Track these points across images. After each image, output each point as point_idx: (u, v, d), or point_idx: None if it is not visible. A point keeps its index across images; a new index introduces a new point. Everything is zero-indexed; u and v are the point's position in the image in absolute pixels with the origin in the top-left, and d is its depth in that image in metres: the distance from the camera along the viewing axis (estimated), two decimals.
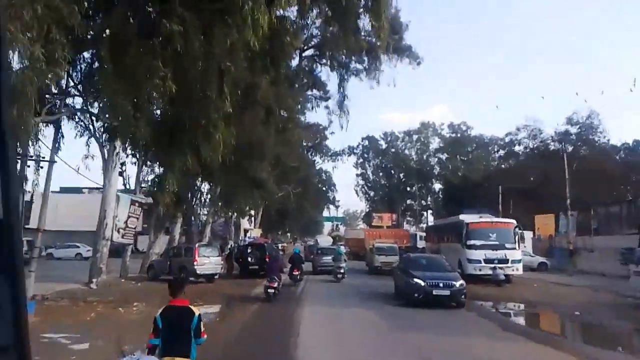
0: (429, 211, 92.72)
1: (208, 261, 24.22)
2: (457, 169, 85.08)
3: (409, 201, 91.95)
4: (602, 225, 34.14)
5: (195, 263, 23.70)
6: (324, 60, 30.23)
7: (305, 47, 30.02)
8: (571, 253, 30.21)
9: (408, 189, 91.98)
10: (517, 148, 55.98)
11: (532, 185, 43.68)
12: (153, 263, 25.90)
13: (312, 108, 32.18)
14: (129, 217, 24.80)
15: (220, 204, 38.19)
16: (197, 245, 24.43)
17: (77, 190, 53.23)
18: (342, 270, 25.85)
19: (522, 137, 53.90)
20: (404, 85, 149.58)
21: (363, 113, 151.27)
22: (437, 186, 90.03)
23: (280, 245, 59.03)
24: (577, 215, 34.37)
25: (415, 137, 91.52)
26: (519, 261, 24.30)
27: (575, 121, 53.61)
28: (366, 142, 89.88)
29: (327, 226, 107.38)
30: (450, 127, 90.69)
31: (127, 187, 27.94)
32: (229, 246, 36.46)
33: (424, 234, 43.22)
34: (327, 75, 38.84)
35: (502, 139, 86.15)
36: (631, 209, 33.26)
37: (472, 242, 24.27)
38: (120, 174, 27.71)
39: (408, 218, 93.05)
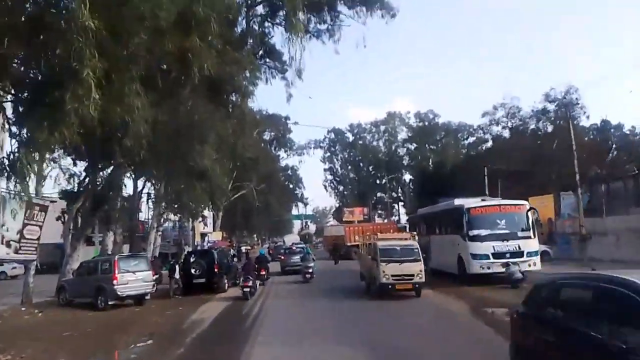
0: (400, 203, 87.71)
1: (134, 277, 17.70)
2: (427, 158, 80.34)
3: (379, 194, 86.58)
4: (605, 205, 29.24)
5: (115, 282, 17.18)
6: (277, 20, 23.95)
7: (253, 2, 23.71)
8: (582, 238, 24.84)
9: (378, 181, 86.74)
10: (495, 129, 50.89)
11: (519, 166, 38.52)
12: (64, 284, 19.21)
13: (267, 81, 25.71)
14: (25, 225, 18.05)
15: (163, 204, 31.59)
16: (116, 257, 17.79)
17: None
18: (310, 270, 24.09)
19: (500, 116, 48.77)
20: (368, 81, 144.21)
21: (329, 110, 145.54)
22: (408, 177, 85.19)
23: (244, 248, 52.53)
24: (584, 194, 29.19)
25: (382, 127, 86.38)
26: (536, 253, 18.71)
27: (553, 98, 49.11)
28: (332, 135, 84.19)
29: (297, 225, 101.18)
30: (417, 116, 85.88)
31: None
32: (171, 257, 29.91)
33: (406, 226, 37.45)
34: (282, 42, 31.86)
35: (470, 125, 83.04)
36: (639, 183, 28.30)
37: (475, 232, 18.57)
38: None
39: (379, 211, 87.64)
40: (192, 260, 20.87)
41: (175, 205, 30.25)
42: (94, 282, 17.77)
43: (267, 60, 25.75)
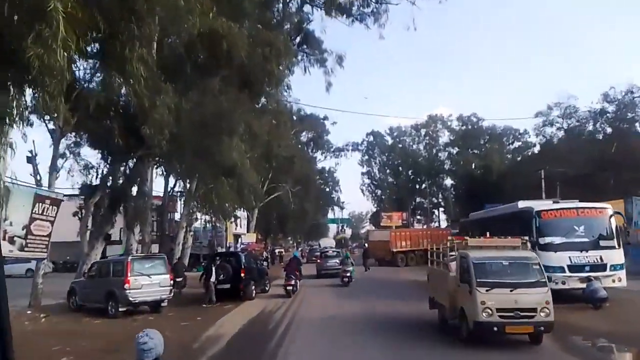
0: (441, 209, 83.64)
1: (148, 281, 15.41)
2: (469, 163, 75.99)
3: (418, 199, 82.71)
4: None
5: (126, 286, 14.93)
6: (317, 2, 21.36)
7: None
8: None
9: (417, 186, 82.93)
10: (549, 130, 46.67)
11: (575, 169, 34.60)
12: (74, 286, 17.16)
13: (305, 70, 23.14)
14: (32, 219, 16.07)
15: (193, 203, 29.50)
16: (129, 258, 15.52)
17: None
18: (348, 274, 23.73)
19: (555, 116, 44.62)
20: (409, 87, 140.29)
21: (366, 118, 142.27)
22: (449, 182, 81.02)
23: (277, 250, 50.33)
24: None
25: (423, 131, 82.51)
26: (622, 266, 15.30)
27: (612, 98, 44.67)
28: (371, 138, 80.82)
29: (333, 228, 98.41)
30: (460, 119, 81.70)
31: (38, 178, 19.12)
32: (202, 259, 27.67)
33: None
34: (321, 28, 28.77)
35: (516, 129, 78.30)
36: None
37: (547, 240, 15.34)
38: (29, 159, 19.02)
39: (418, 217, 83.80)
40: (216, 263, 18.45)
41: (206, 204, 28.15)
42: (104, 286, 15.61)
43: (305, 47, 23.21)
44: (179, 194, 34.11)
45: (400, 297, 18.33)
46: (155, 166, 29.07)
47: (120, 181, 19.96)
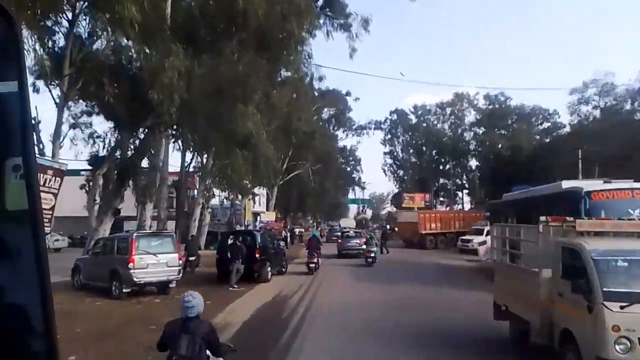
0: (465, 191, 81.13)
1: (155, 261, 14.11)
2: (496, 144, 73.04)
3: (442, 180, 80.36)
4: None
5: (131, 265, 13.68)
6: None
7: None
8: None
9: (441, 167, 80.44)
10: (584, 108, 43.75)
11: (613, 150, 32.07)
12: (79, 264, 16.02)
13: (328, 34, 21.23)
14: None
15: (210, 180, 28.27)
16: (134, 235, 14.21)
17: None
18: (372, 255, 23.47)
19: (592, 94, 41.73)
20: (433, 65, 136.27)
21: (389, 97, 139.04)
22: (474, 163, 78.31)
23: (297, 230, 49.13)
24: None
25: (448, 110, 79.72)
26: None
27: None
28: (394, 117, 78.43)
29: (353, 209, 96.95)
30: (487, 98, 78.56)
31: (41, 147, 17.91)
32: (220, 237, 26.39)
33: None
34: None
35: (546, 109, 74.89)
36: None
37: None
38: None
39: (441, 199, 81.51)
40: (229, 242, 17.08)
41: (222, 180, 26.84)
42: (108, 264, 14.38)
43: (328, 10, 21.28)
44: (196, 169, 32.90)
45: (431, 282, 16.76)
46: (172, 140, 27.92)
47: (130, 153, 18.65)
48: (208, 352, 4.23)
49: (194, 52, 16.25)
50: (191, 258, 20.06)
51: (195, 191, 35.53)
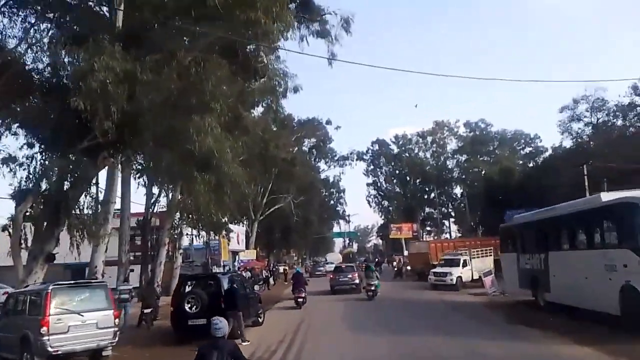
0: (451, 219, 78.14)
1: (79, 322, 10.20)
2: (484, 168, 70.24)
3: (427, 209, 77.39)
4: None
5: (44, 329, 9.75)
6: None
7: None
8: None
9: (425, 196, 77.60)
10: (576, 126, 41.43)
11: (621, 165, 29.34)
12: None
13: (302, 39, 18.05)
14: None
15: (178, 216, 24.48)
16: (49, 288, 10.30)
17: None
18: (373, 288, 21.27)
19: (582, 110, 39.51)
20: (415, 95, 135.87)
21: (372, 127, 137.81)
22: (458, 190, 75.71)
23: (282, 267, 45.03)
24: None
25: (429, 138, 77.68)
26: None
27: None
28: (376, 147, 75.97)
29: (338, 243, 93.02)
30: (467, 125, 77.01)
31: None
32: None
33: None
34: None
35: (527, 134, 73.26)
36: None
37: None
38: None
39: (428, 228, 78.31)
40: (186, 289, 13.18)
41: (190, 215, 23.06)
42: (18, 328, 10.44)
43: (302, 14, 18.19)
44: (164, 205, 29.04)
45: (448, 327, 13.05)
46: (137, 175, 24.19)
47: (67, 183, 14.85)
48: None
49: (137, 53, 12.84)
50: (146, 310, 16.12)
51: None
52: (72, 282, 11.62)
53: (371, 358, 10.08)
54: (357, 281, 24.48)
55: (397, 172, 77.08)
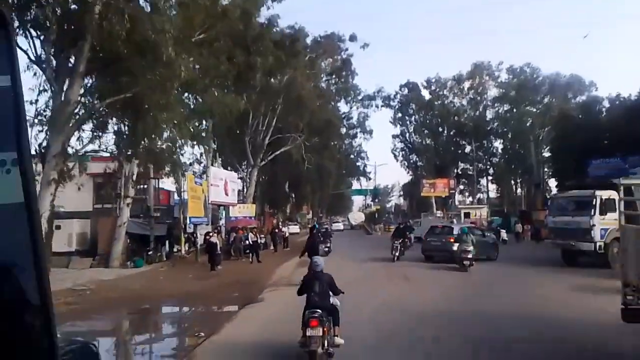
0: (489, 177, 65.27)
1: None
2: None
3: (462, 165, 64.49)
4: None
5: None
6: None
7: None
8: None
9: (459, 151, 64.36)
10: None
11: None
12: None
13: None
14: None
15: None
16: None
17: None
18: (469, 255, 16.00)
19: None
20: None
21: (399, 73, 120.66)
22: (498, 144, 62.45)
23: (284, 229, 33.08)
24: None
25: (467, 83, 63.72)
26: None
27: None
28: (405, 91, 62.49)
29: (357, 202, 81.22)
30: (510, 70, 62.61)
31: None
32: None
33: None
34: None
35: (582, 79, 59.01)
36: None
37: None
38: None
39: (461, 187, 65.53)
40: None
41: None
42: None
43: None
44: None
45: None
46: None
47: None
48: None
49: None
50: None
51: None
52: None
53: None
54: (454, 248, 18.01)
55: (428, 121, 63.75)
